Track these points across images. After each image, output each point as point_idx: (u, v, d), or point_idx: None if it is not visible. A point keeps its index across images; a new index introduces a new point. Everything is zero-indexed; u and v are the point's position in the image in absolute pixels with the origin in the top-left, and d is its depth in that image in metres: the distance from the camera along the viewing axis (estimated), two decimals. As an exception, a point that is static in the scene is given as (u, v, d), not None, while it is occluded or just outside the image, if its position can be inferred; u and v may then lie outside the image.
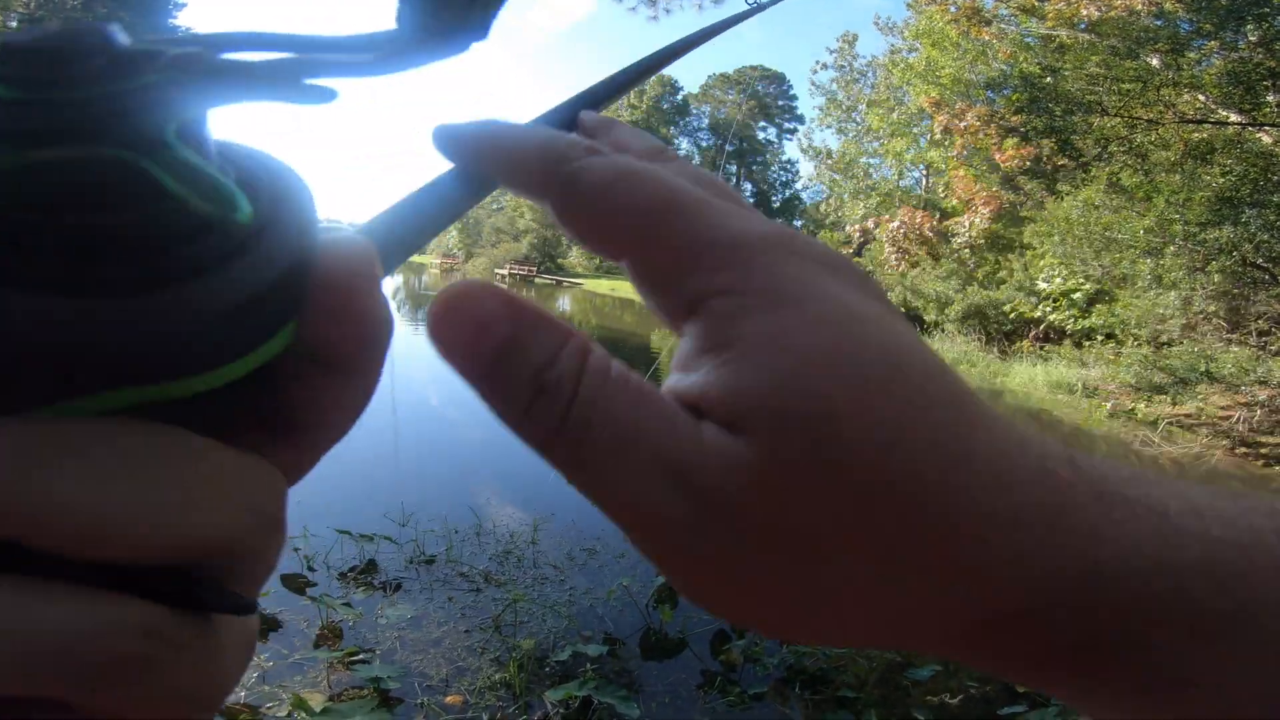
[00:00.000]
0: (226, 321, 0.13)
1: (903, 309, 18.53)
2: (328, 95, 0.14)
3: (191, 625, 0.13)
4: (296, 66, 0.14)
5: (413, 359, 11.04)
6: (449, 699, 2.56)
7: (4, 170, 0.11)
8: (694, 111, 54.65)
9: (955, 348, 15.58)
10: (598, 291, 36.29)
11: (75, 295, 0.11)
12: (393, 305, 0.16)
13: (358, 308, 0.15)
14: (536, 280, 42.94)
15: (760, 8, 0.71)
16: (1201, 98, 6.99)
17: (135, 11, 20.62)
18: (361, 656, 2.76)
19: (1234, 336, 9.40)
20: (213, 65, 0.13)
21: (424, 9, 0.15)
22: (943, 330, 16.85)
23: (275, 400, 0.15)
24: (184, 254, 0.12)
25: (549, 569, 3.66)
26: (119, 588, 0.12)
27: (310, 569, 3.45)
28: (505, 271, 44.11)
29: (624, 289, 37.07)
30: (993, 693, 2.79)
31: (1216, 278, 8.75)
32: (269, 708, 2.42)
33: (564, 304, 28.22)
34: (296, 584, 3.25)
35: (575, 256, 54.74)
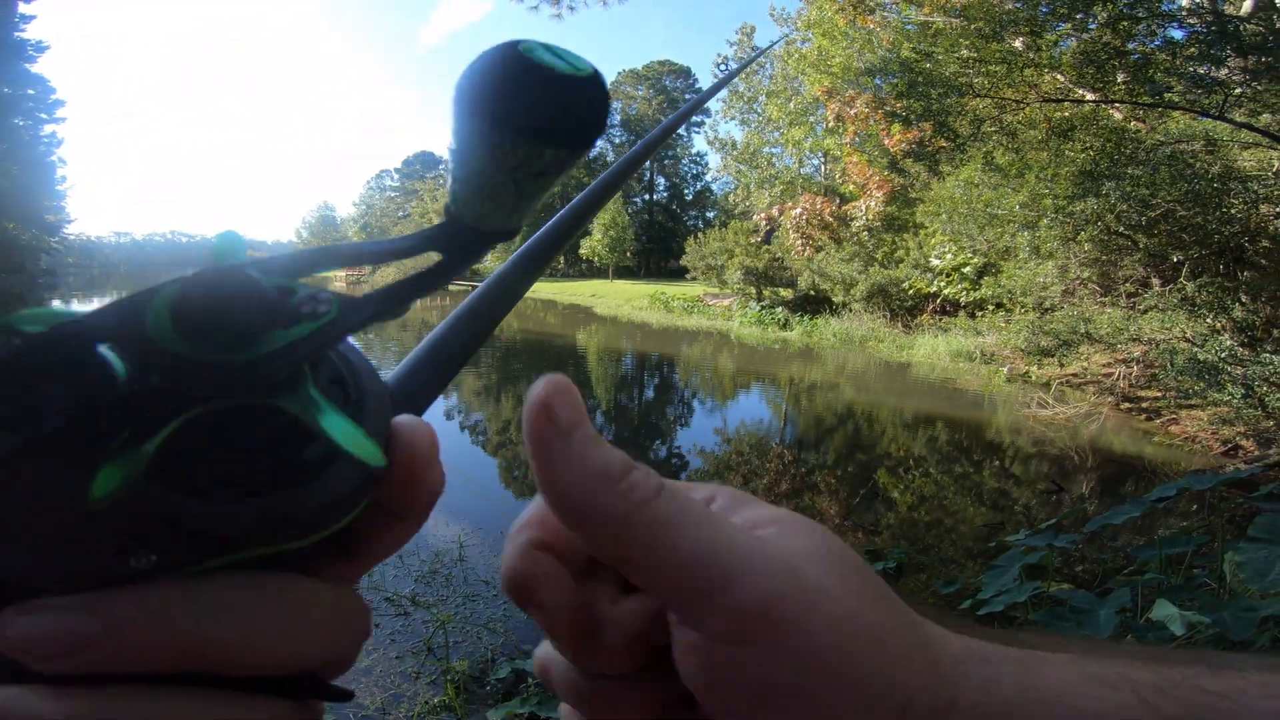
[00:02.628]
0: (325, 508, 0.17)
1: (812, 292, 19.15)
2: (407, 310, 0.19)
3: (311, 712, 0.19)
4: (395, 296, 0.18)
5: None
6: (386, 729, 2.49)
7: (190, 417, 0.15)
8: (604, 108, 54.40)
9: (863, 325, 16.27)
10: (515, 295, 35.56)
11: (232, 496, 0.16)
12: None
13: (425, 482, 0.20)
14: (450, 287, 41.63)
15: (732, 74, 0.74)
16: (1061, 78, 7.55)
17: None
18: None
19: (1107, 299, 10.24)
20: (333, 315, 0.17)
21: (476, 210, 0.19)
22: (850, 309, 17.57)
23: (351, 539, 0.20)
24: (303, 462, 0.17)
25: (480, 585, 3.57)
26: (267, 691, 0.18)
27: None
28: (417, 281, 42.58)
29: (544, 290, 36.66)
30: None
31: (1087, 246, 9.50)
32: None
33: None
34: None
35: (491, 260, 53.47)
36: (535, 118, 0.16)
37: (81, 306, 0.19)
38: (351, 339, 0.20)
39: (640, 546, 0.19)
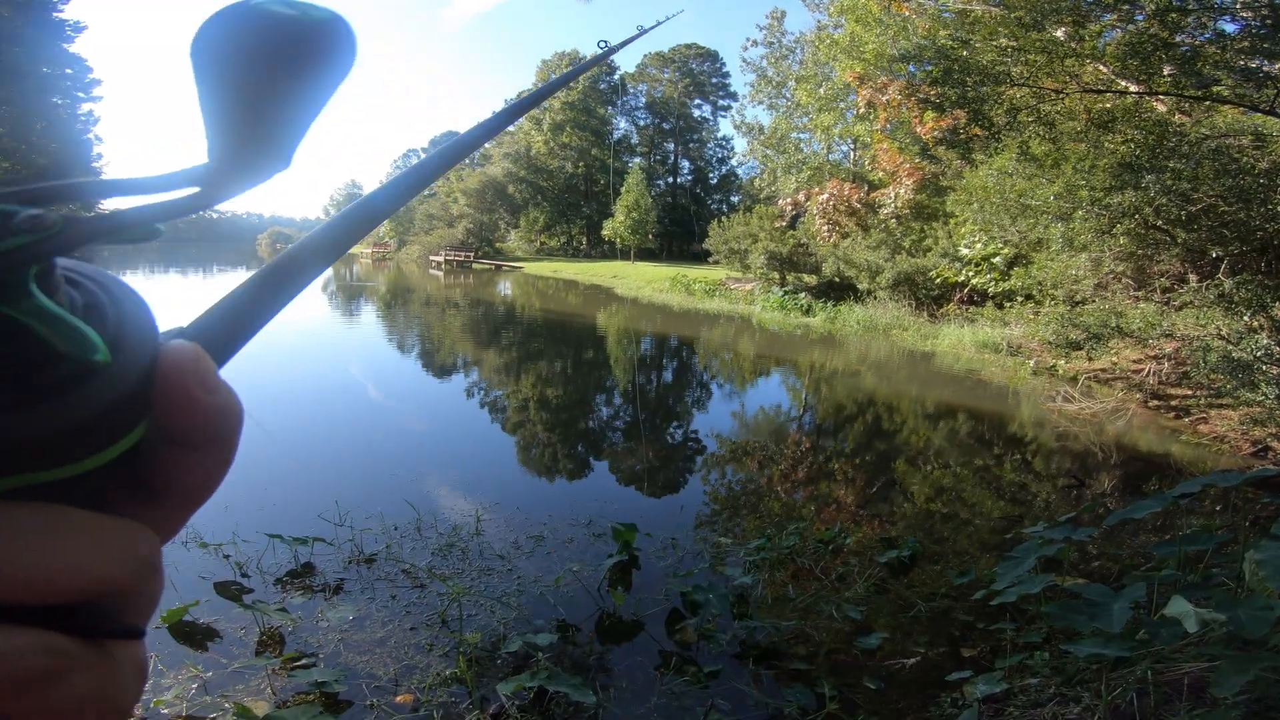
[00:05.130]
0: (87, 426, 0.17)
1: (836, 279, 18.95)
2: (155, 234, 0.19)
3: (88, 647, 0.18)
4: (137, 217, 0.18)
5: (346, 353, 10.69)
6: (400, 698, 2.53)
7: None
8: (631, 91, 54.03)
9: (888, 313, 16.08)
10: (540, 274, 35.74)
11: None
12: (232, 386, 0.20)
13: (192, 402, 0.19)
14: (474, 266, 41.98)
15: (642, 31, 0.74)
16: (1104, 69, 7.34)
17: (21, 10, 19.23)
18: (304, 661, 2.70)
19: (1140, 294, 10.01)
20: (62, 226, 0.17)
21: (229, 145, 0.19)
22: (875, 297, 17.36)
23: (142, 475, 0.19)
24: (48, 379, 0.17)
25: (495, 559, 3.63)
26: (31, 622, 0.17)
27: (244, 575, 3.33)
28: (441, 258, 42.89)
29: (566, 271, 36.65)
30: (939, 658, 2.89)
31: (1122, 239, 9.27)
32: (213, 718, 2.36)
33: (505, 288, 27.73)
34: (230, 591, 3.13)
35: (514, 240, 53.75)
36: (265, 58, 0.18)
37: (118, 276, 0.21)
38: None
39: None
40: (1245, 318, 7.47)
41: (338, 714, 2.45)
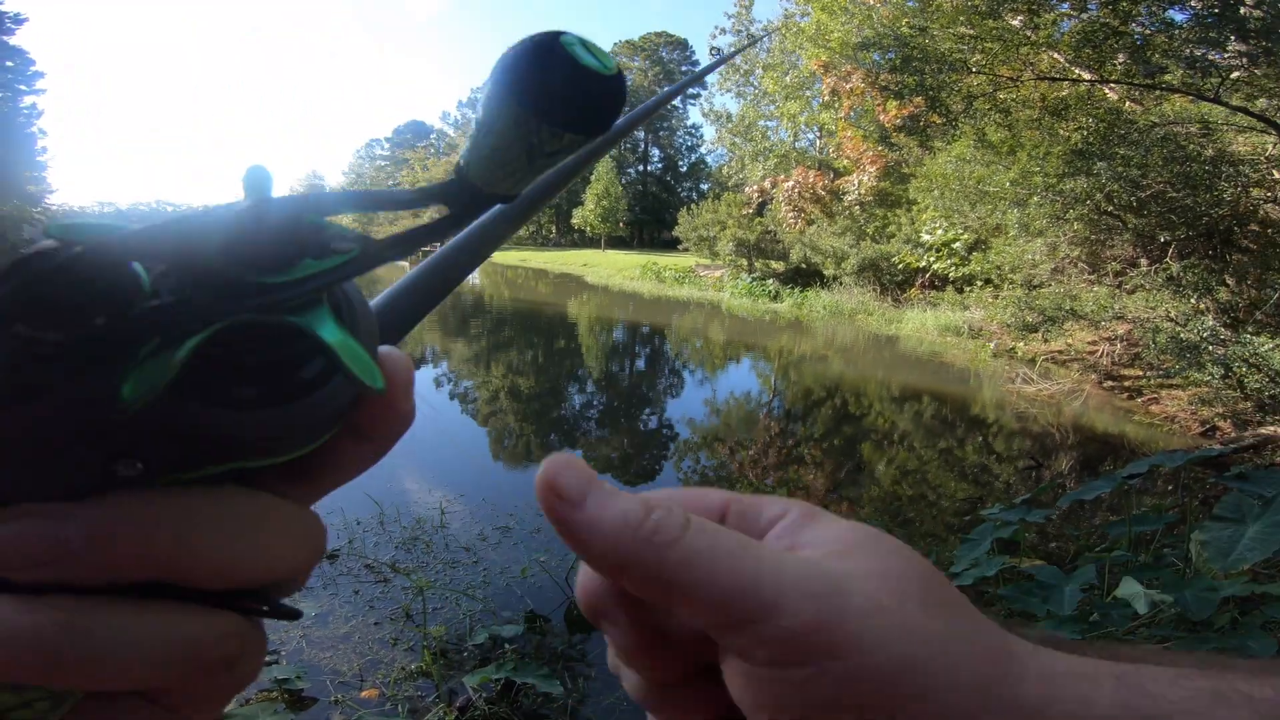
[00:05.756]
0: (314, 425, 0.18)
1: (803, 265, 19.10)
2: (413, 253, 0.21)
3: (260, 631, 0.19)
4: (407, 241, 0.20)
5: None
6: (365, 694, 2.49)
7: (218, 328, 0.16)
8: (598, 78, 53.32)
9: (853, 299, 16.29)
10: (508, 263, 35.32)
11: (233, 407, 0.17)
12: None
13: (400, 410, 0.21)
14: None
15: (723, 59, 0.76)
16: (1058, 57, 7.48)
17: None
18: (265, 659, 2.65)
19: (1094, 277, 10.29)
20: (356, 253, 0.18)
21: (491, 176, 0.20)
22: (840, 283, 17.57)
23: (316, 460, 0.20)
24: (300, 381, 0.18)
25: (460, 551, 3.59)
26: (223, 606, 0.18)
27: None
28: (406, 248, 42.00)
29: (535, 260, 36.30)
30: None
31: (1076, 225, 9.51)
32: None
33: (472, 277, 27.33)
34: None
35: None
36: (564, 105, 0.18)
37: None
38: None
39: (677, 586, 0.19)
40: (1192, 300, 7.74)
41: (301, 710, 2.41)
